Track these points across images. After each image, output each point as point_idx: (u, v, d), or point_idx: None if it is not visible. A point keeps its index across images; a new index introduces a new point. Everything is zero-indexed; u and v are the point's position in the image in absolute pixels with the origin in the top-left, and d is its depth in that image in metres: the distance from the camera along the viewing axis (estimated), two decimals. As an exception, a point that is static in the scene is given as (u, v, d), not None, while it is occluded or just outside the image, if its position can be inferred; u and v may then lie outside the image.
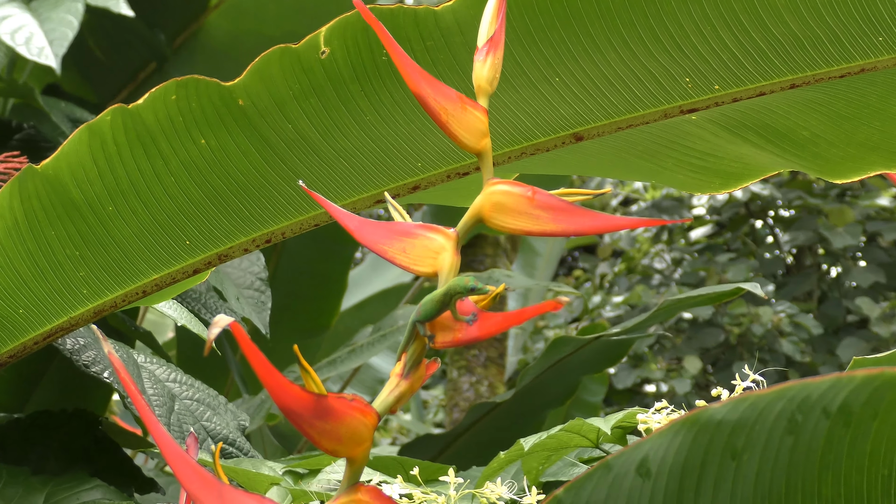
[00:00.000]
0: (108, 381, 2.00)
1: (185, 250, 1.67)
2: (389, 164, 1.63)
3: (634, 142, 1.64)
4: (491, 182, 1.11)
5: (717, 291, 2.49)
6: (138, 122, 1.55)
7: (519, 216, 1.09)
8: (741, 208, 8.07)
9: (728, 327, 7.43)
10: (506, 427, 3.41)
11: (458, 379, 5.12)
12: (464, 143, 1.12)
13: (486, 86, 1.14)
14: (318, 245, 3.79)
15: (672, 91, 1.57)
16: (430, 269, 1.09)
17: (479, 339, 1.06)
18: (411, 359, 1.08)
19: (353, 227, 1.11)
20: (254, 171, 1.59)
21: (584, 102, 1.58)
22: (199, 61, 3.28)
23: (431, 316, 1.07)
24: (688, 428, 0.92)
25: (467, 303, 1.08)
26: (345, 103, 1.55)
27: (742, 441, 0.89)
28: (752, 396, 0.89)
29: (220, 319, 0.96)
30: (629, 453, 0.94)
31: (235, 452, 2.05)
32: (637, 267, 8.46)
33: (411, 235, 1.11)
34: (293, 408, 1.01)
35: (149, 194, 1.60)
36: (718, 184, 1.69)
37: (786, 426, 0.88)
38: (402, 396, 1.07)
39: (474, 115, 1.13)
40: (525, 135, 1.63)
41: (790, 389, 0.89)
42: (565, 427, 1.60)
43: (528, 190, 1.09)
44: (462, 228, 1.11)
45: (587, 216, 1.07)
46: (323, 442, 1.02)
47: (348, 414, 1.02)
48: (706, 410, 0.93)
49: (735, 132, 1.61)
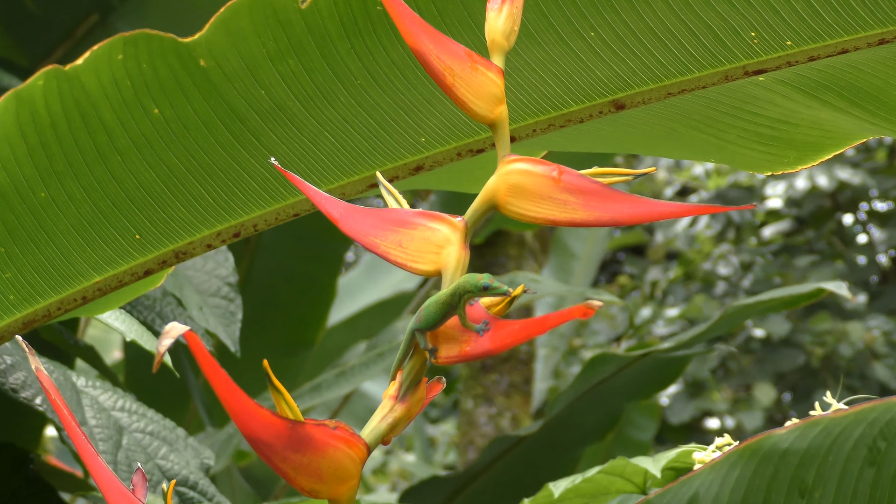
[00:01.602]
0: (42, 409, 2.01)
1: (134, 246, 1.68)
2: (386, 140, 1.64)
3: (688, 110, 1.64)
4: (507, 160, 1.11)
5: (792, 294, 2.50)
6: (77, 88, 1.56)
7: (541, 201, 1.09)
8: (826, 200, 8.07)
9: (809, 347, 7.42)
10: (532, 467, 3.42)
11: (473, 410, 5.13)
12: (474, 112, 1.13)
13: (502, 40, 1.15)
14: (301, 242, 3.81)
15: (734, 48, 1.58)
16: (433, 267, 1.10)
17: (491, 352, 1.06)
18: (408, 377, 1.09)
19: (337, 216, 1.12)
20: (219, 147, 1.60)
21: (625, 63, 1.58)
22: (151, 12, 3.29)
23: (434, 323, 1.07)
24: (747, 459, 0.93)
25: (478, 308, 1.08)
26: (331, 65, 1.56)
27: (813, 474, 0.89)
28: (825, 420, 0.90)
29: (172, 328, 0.97)
30: (675, 491, 0.95)
31: (197, 497, 2.06)
32: (697, 272, 8.46)
33: (409, 225, 1.11)
34: (262, 437, 1.01)
35: (90, 177, 1.61)
36: (793, 158, 1.69)
37: (866, 455, 0.89)
38: (396, 423, 1.07)
39: (487, 76, 1.13)
40: (553, 103, 1.63)
41: (871, 411, 0.89)
42: (605, 468, 1.60)
43: (553, 169, 1.09)
44: (472, 216, 1.11)
45: (626, 202, 1.07)
46: (300, 479, 1.03)
47: (331, 445, 1.03)
48: (769, 437, 0.94)
49: (812, 94, 1.62)
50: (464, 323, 1.07)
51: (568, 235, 6.25)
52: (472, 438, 5.09)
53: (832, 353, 7.36)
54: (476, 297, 1.06)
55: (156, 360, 0.98)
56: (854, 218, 8.17)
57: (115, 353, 5.00)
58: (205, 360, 0.98)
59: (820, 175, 7.59)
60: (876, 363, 7.25)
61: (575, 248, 6.27)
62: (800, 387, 7.52)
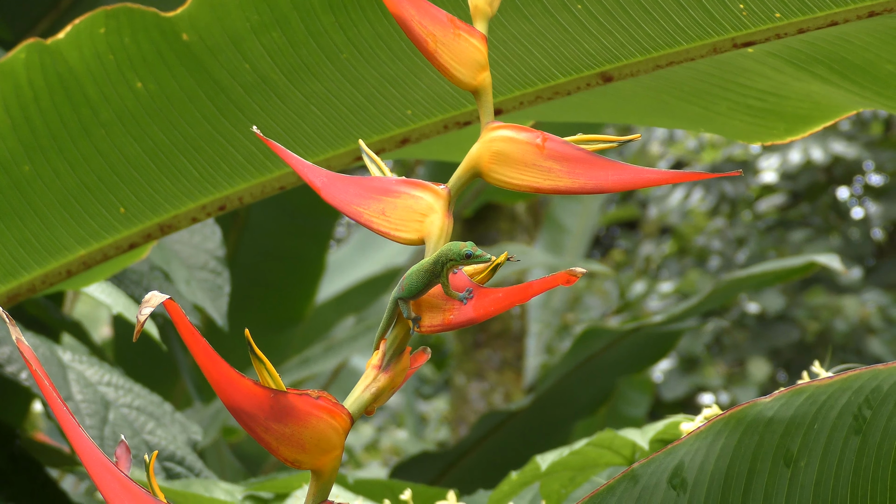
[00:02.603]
0: (27, 384, 2.01)
1: (119, 220, 1.68)
2: (372, 112, 1.64)
3: (678, 82, 1.65)
4: (490, 126, 1.11)
5: (785, 267, 2.51)
6: (60, 62, 1.56)
7: (525, 169, 1.09)
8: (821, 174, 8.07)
9: (804, 322, 7.43)
10: (522, 442, 3.43)
11: (465, 387, 5.14)
12: (457, 79, 1.13)
13: (485, 6, 1.15)
14: (289, 217, 3.81)
15: (723, 20, 1.58)
16: (416, 235, 1.10)
17: (475, 320, 1.06)
18: (392, 346, 1.09)
19: (319, 184, 1.12)
20: (203, 120, 1.61)
21: (613, 35, 1.59)
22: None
23: (417, 292, 1.08)
24: (732, 427, 0.93)
25: (461, 276, 1.09)
26: (315, 38, 1.57)
27: (798, 443, 0.90)
28: (810, 388, 0.90)
29: (152, 297, 0.97)
30: (660, 460, 0.95)
31: (184, 472, 2.07)
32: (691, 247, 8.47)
33: (392, 194, 1.11)
34: (244, 407, 1.02)
35: (74, 151, 1.62)
36: (783, 129, 1.70)
37: (851, 424, 0.89)
38: (380, 393, 1.07)
39: (470, 42, 1.13)
40: (541, 75, 1.64)
41: (856, 379, 0.90)
42: (593, 441, 1.61)
43: (537, 136, 1.09)
44: (455, 184, 1.11)
45: (611, 168, 1.07)
46: (282, 450, 1.03)
47: (313, 415, 1.03)
48: (754, 406, 0.94)
49: (802, 67, 1.62)
50: (447, 291, 1.07)
51: (560, 210, 6.25)
52: (464, 415, 5.10)
53: (827, 328, 7.38)
54: (459, 264, 1.06)
55: (136, 329, 0.98)
56: (849, 192, 8.17)
57: (103, 330, 5.01)
58: (185, 328, 0.99)
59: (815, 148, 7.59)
60: (871, 338, 7.27)
61: (567, 223, 6.27)
62: (794, 362, 7.54)
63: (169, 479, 2.02)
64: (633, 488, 0.97)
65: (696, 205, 8.47)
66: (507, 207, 5.11)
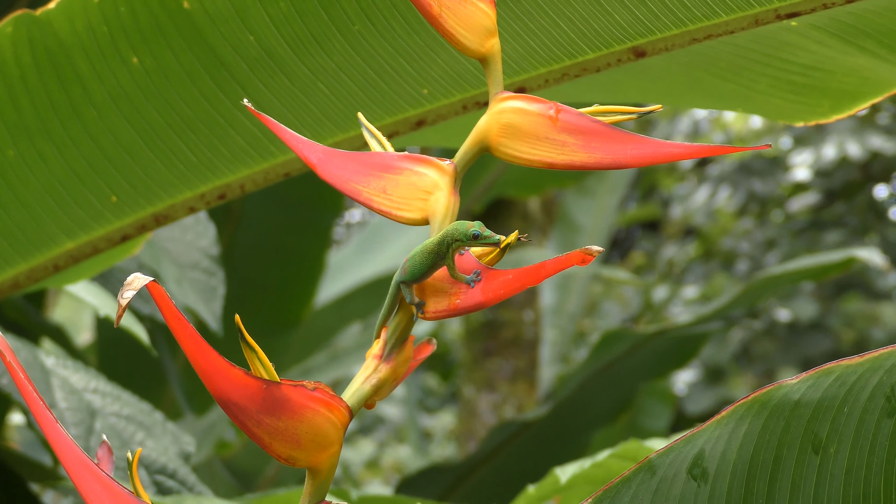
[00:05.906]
0: (7, 390, 2.01)
1: (110, 209, 1.68)
2: (385, 91, 1.64)
3: (715, 57, 1.65)
4: (500, 97, 1.11)
5: (821, 263, 2.51)
6: (49, 35, 1.56)
7: (537, 142, 1.09)
8: (857, 171, 8.07)
9: (838, 331, 7.43)
10: (538, 453, 3.43)
11: (474, 399, 5.13)
12: (463, 45, 1.12)
13: (496, -32, 1.15)
14: (287, 211, 3.80)
15: (765, -10, 1.58)
16: (420, 215, 1.10)
17: (483, 305, 1.06)
18: (394, 335, 1.08)
19: (315, 161, 1.11)
20: (203, 100, 1.61)
21: (646, 5, 1.59)
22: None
23: (421, 275, 1.07)
24: (756, 412, 0.93)
25: (469, 258, 1.08)
26: (325, 7, 1.56)
27: (827, 427, 0.90)
28: (839, 368, 0.90)
29: (134, 278, 0.97)
30: (678, 449, 0.95)
31: (176, 486, 2.06)
32: (717, 250, 8.47)
33: (394, 170, 1.11)
34: (234, 399, 1.01)
35: (63, 134, 1.62)
36: (828, 106, 1.69)
37: (884, 406, 0.89)
38: (381, 385, 1.07)
39: (476, 6, 1.13)
40: (568, 50, 1.63)
41: (889, 357, 0.89)
42: (616, 452, 1.61)
43: (550, 107, 1.09)
44: (462, 159, 1.11)
45: (630, 142, 1.07)
46: (276, 446, 1.03)
47: (309, 408, 1.03)
48: (779, 388, 0.94)
49: (849, 40, 1.62)
50: (453, 274, 1.07)
51: (574, 207, 6.25)
52: (472, 429, 5.10)
53: (863, 337, 7.38)
54: (466, 245, 1.06)
55: (118, 313, 0.98)
56: (888, 190, 8.17)
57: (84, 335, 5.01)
58: (170, 313, 0.98)
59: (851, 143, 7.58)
60: (912, 347, 7.27)
61: (581, 221, 6.27)
62: (829, 373, 7.53)
63: (160, 494, 2.02)
64: (650, 480, 0.97)
65: (723, 204, 8.46)
66: (519, 205, 5.11)
